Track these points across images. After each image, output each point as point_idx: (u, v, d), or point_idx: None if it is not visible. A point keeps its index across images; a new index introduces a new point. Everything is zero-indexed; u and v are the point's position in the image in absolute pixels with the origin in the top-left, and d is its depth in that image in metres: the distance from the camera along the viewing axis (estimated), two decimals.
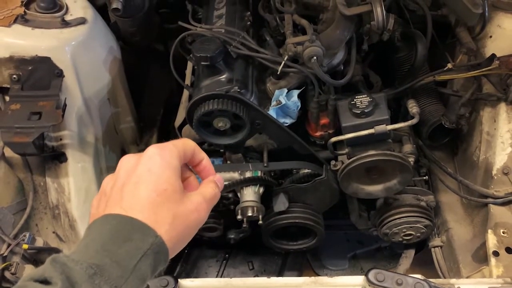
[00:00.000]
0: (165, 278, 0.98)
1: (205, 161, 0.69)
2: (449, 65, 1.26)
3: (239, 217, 1.29)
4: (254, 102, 1.20)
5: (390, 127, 1.16)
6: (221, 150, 1.41)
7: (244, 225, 1.32)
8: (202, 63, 1.19)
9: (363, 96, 1.17)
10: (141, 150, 1.60)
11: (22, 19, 1.19)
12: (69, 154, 1.24)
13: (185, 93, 1.44)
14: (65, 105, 1.16)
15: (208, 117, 1.17)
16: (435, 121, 1.34)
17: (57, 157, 1.24)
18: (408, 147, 1.28)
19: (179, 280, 1.01)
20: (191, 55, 1.28)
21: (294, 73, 1.25)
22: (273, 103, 1.23)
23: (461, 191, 1.41)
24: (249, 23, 1.34)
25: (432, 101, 1.38)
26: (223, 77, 1.21)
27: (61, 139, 1.24)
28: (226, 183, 1.30)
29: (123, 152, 1.56)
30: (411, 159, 1.26)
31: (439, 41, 1.35)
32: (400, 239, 1.42)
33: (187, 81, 1.45)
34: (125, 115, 1.49)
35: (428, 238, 1.45)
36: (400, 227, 1.37)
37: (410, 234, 1.40)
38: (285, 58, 1.18)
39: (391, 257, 1.92)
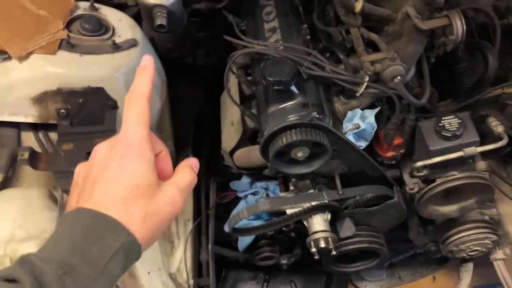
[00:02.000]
0: None
1: (164, 152, 0.69)
2: None
3: (313, 250, 1.19)
4: (332, 127, 1.11)
5: (479, 149, 1.10)
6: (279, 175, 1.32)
7: (316, 257, 1.23)
8: (276, 87, 1.08)
9: (451, 117, 1.10)
10: None
11: (67, 44, 1.03)
12: None
13: (236, 113, 1.32)
14: None
15: (287, 147, 1.07)
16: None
17: None
18: (482, 165, 1.22)
19: None
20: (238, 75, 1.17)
21: (369, 93, 1.16)
22: (350, 126, 1.14)
23: None
24: (308, 37, 1.24)
25: (494, 113, 1.34)
26: (297, 101, 1.10)
27: None
28: (292, 212, 1.21)
29: None
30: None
31: (503, 51, 1.30)
32: (465, 254, 1.39)
33: (235, 97, 1.32)
34: (167, 140, 1.36)
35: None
36: (468, 244, 1.33)
37: (476, 250, 1.36)
38: (366, 79, 1.09)
39: (427, 263, 1.91)
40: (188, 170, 0.66)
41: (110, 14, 1.12)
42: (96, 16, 1.09)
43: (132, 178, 0.58)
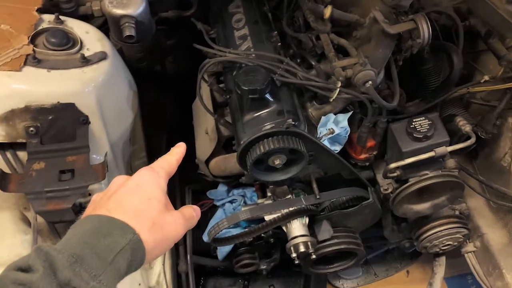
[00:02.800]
0: None
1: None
2: (486, 77, 1.26)
3: (293, 255, 1.20)
4: (308, 133, 1.11)
5: (450, 148, 1.13)
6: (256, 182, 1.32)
7: (296, 261, 1.24)
8: (251, 96, 1.08)
9: (421, 118, 1.13)
10: None
11: (33, 60, 0.99)
12: None
13: (210, 122, 1.31)
14: (106, 160, 0.99)
15: (264, 155, 1.07)
16: None
17: None
18: (451, 163, 1.26)
19: None
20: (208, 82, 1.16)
21: (341, 98, 1.18)
22: (324, 131, 1.15)
23: (487, 195, 1.45)
24: (279, 44, 1.24)
25: (460, 112, 1.39)
26: (272, 109, 1.11)
27: (90, 194, 1.07)
28: (271, 218, 1.21)
29: None
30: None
31: (466, 51, 1.34)
32: (438, 249, 1.43)
33: (207, 105, 1.31)
34: (140, 151, 1.33)
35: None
36: (440, 239, 1.37)
37: (448, 245, 1.41)
38: (339, 85, 1.10)
39: (401, 257, 1.96)
40: (191, 209, 0.74)
41: (77, 27, 1.09)
42: (63, 30, 1.05)
43: (145, 192, 0.66)
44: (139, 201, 0.65)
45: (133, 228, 0.61)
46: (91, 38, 1.08)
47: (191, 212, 0.73)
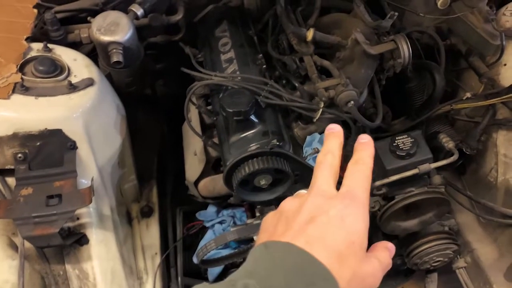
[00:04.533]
0: None
1: None
2: (468, 94, 1.28)
3: None
4: (292, 153, 1.13)
5: (433, 165, 1.15)
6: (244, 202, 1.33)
7: None
8: (235, 118, 1.10)
9: (404, 136, 1.15)
10: (143, 206, 1.47)
11: (22, 88, 1.01)
12: (90, 234, 1.08)
13: (199, 143, 1.33)
14: (92, 184, 1.01)
15: (250, 176, 1.08)
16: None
17: (77, 240, 1.08)
18: (437, 179, 1.27)
19: None
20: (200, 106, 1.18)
21: (325, 117, 1.20)
22: (310, 150, 1.17)
23: (475, 210, 1.46)
24: (264, 66, 1.27)
25: (445, 129, 1.41)
26: (257, 130, 1.13)
27: (78, 219, 1.08)
28: None
29: (128, 214, 1.41)
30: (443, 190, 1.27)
31: (448, 69, 1.37)
32: (429, 266, 1.43)
33: (196, 127, 1.34)
34: (129, 174, 1.35)
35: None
36: (430, 255, 1.37)
37: (439, 261, 1.41)
38: (322, 105, 1.13)
39: (395, 275, 1.94)
40: (388, 253, 0.62)
41: (65, 54, 1.11)
42: (50, 57, 1.08)
43: (350, 233, 0.55)
44: (344, 242, 0.54)
45: (336, 279, 0.52)
46: (79, 65, 1.11)
47: (388, 259, 0.61)
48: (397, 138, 1.16)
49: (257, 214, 1.27)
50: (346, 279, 0.53)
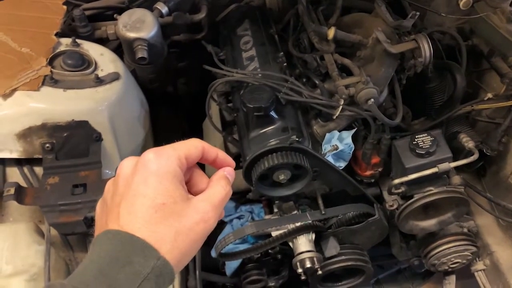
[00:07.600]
0: None
1: (220, 154, 0.64)
2: (489, 95, 1.28)
3: (299, 270, 1.22)
4: (311, 149, 1.14)
5: (453, 164, 1.15)
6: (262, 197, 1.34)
7: (302, 277, 1.26)
8: (256, 114, 1.12)
9: (424, 135, 1.15)
10: None
11: (51, 80, 1.05)
12: None
13: (219, 139, 1.35)
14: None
15: (269, 170, 1.10)
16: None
17: None
18: (457, 179, 1.27)
19: None
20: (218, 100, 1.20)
21: (345, 115, 1.21)
22: (328, 147, 1.18)
23: (495, 212, 1.44)
24: (284, 64, 1.29)
25: (465, 129, 1.40)
26: (276, 126, 1.14)
27: None
28: (277, 234, 1.23)
29: None
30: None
31: (469, 70, 1.37)
32: (447, 267, 1.42)
33: (217, 124, 1.36)
34: None
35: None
36: (448, 256, 1.37)
37: (457, 262, 1.40)
38: (342, 102, 1.14)
39: (413, 277, 1.94)
40: (222, 183, 0.60)
41: (92, 49, 1.15)
42: (78, 52, 1.12)
43: (157, 196, 0.54)
44: (153, 210, 0.54)
45: (155, 248, 0.52)
46: (105, 60, 1.14)
47: (223, 190, 0.60)
48: (417, 136, 1.16)
49: (275, 210, 1.28)
50: (169, 241, 0.53)
